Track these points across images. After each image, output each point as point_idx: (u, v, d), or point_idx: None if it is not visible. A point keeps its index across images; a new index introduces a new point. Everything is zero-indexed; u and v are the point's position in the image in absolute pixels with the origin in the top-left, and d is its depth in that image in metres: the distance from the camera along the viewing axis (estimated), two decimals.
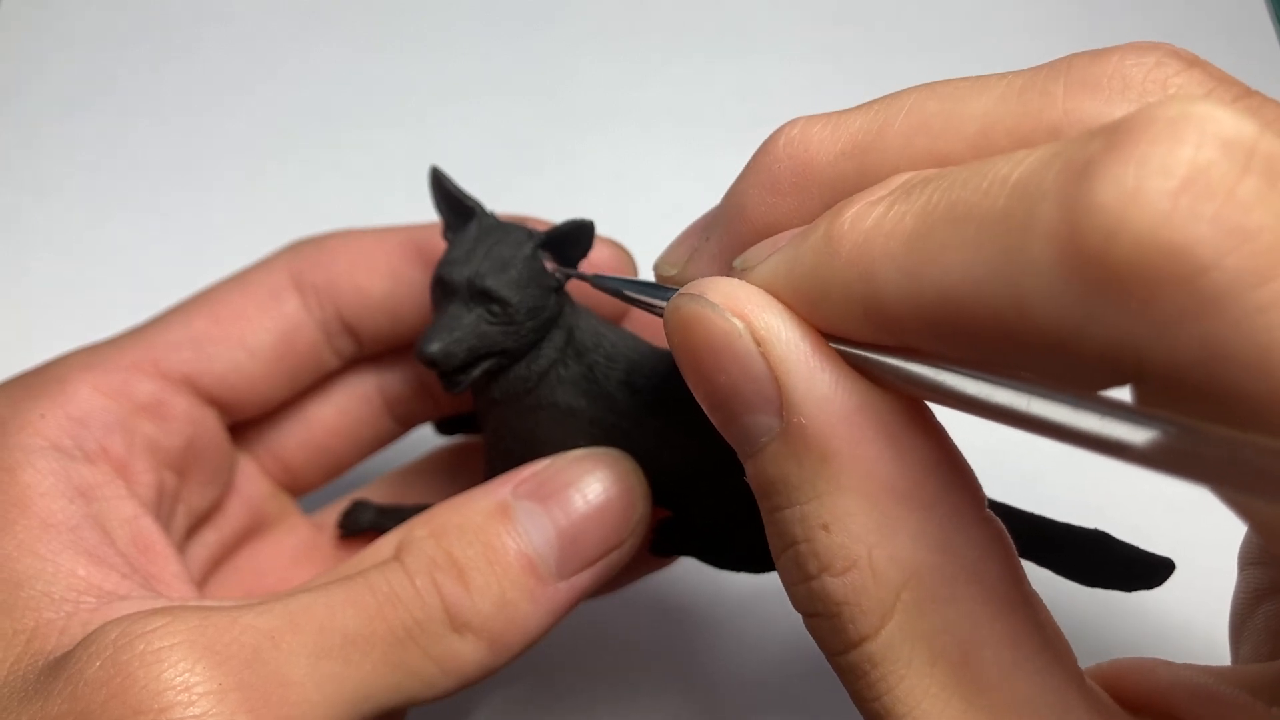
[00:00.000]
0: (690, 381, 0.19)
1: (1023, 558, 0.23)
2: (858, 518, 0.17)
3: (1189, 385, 0.13)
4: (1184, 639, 0.33)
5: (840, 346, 0.18)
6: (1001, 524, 0.18)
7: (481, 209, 0.26)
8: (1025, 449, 0.23)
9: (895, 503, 0.17)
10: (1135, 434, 0.13)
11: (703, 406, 0.19)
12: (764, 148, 0.20)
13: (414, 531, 0.24)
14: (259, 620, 0.20)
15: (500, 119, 0.46)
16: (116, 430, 0.25)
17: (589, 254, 0.25)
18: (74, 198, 0.44)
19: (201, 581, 0.27)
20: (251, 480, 0.29)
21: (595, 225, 0.25)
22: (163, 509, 0.26)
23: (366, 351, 0.29)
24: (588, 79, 0.48)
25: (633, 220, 0.27)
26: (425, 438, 0.32)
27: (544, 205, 0.28)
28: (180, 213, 0.44)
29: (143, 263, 0.42)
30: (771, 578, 0.21)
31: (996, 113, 0.18)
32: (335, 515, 0.29)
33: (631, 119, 0.46)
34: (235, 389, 0.27)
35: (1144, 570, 0.22)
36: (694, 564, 0.27)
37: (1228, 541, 0.24)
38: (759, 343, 0.18)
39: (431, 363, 0.24)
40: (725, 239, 0.21)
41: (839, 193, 0.18)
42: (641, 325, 0.28)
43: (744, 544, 0.25)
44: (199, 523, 0.28)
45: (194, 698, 0.19)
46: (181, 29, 0.49)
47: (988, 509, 0.18)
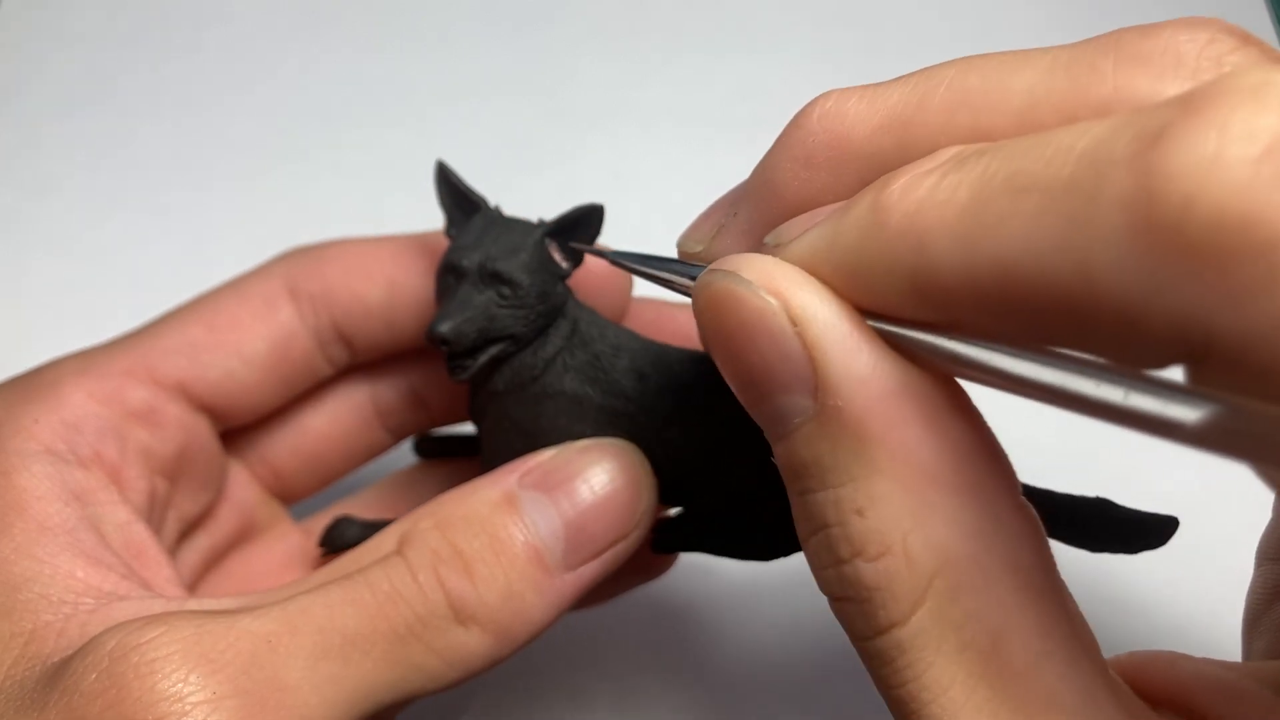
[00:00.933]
0: (720, 360, 0.19)
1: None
2: (894, 502, 0.17)
3: (1257, 361, 0.13)
4: (1194, 633, 0.33)
5: (879, 325, 0.17)
6: (1034, 511, 0.18)
7: (486, 203, 0.26)
8: (1035, 433, 0.23)
9: (932, 487, 0.17)
10: (1188, 413, 0.13)
11: (732, 386, 0.19)
12: (796, 121, 0.19)
13: (418, 524, 0.23)
14: (255, 624, 0.20)
15: (500, 119, 0.46)
16: (110, 436, 0.25)
17: (587, 260, 0.25)
18: (74, 198, 0.44)
19: (192, 586, 0.27)
20: (243, 486, 0.29)
21: (604, 209, 0.25)
22: (154, 514, 0.26)
23: (360, 360, 0.29)
24: (588, 79, 0.48)
25: (633, 220, 0.27)
26: None
27: (544, 205, 0.28)
28: (180, 213, 0.43)
29: (143, 263, 0.42)
30: (771, 576, 0.21)
31: (1042, 87, 0.17)
32: (326, 522, 0.29)
33: (631, 119, 0.46)
34: (228, 397, 0.27)
35: (1147, 530, 0.23)
36: (693, 564, 0.27)
37: (1241, 536, 0.24)
38: (794, 321, 0.17)
39: (443, 341, 0.24)
40: (755, 214, 0.21)
41: (876, 168, 0.18)
42: (641, 326, 0.28)
43: (751, 531, 0.25)
44: (190, 528, 0.28)
45: (189, 707, 0.19)
46: (182, 29, 0.49)
47: (1021, 495, 0.18)
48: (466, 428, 0.32)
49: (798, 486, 0.18)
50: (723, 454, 0.24)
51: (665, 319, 0.29)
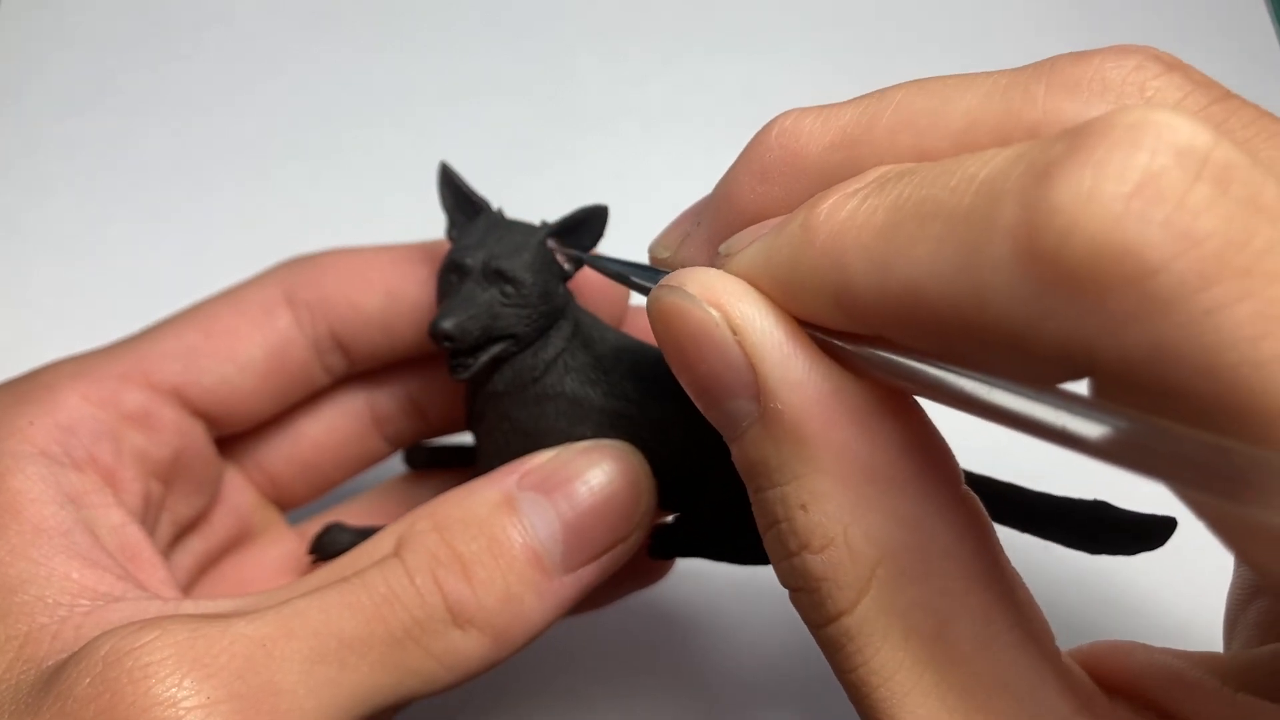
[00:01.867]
0: (674, 369, 0.20)
1: (1026, 532, 0.23)
2: (833, 498, 0.18)
3: (1138, 382, 0.14)
4: (1192, 629, 0.33)
5: (816, 334, 0.18)
6: (979, 503, 0.19)
7: (488, 205, 0.26)
8: (1032, 445, 0.23)
9: (868, 483, 0.18)
10: (1090, 427, 0.13)
11: (688, 393, 0.20)
12: (757, 137, 0.20)
13: (415, 525, 0.23)
14: (250, 628, 0.20)
15: (500, 119, 0.46)
16: (105, 439, 0.25)
17: (586, 267, 0.26)
18: (74, 199, 0.44)
19: (186, 589, 0.27)
20: (238, 491, 0.29)
21: (608, 210, 0.25)
22: (148, 518, 0.26)
23: (357, 368, 0.29)
24: (588, 79, 0.48)
25: (633, 220, 0.27)
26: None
27: (544, 205, 0.28)
28: (181, 214, 0.44)
29: (143, 264, 0.42)
30: (768, 579, 0.21)
31: (980, 111, 0.18)
32: (322, 527, 0.29)
33: (631, 119, 0.46)
34: (224, 403, 0.27)
35: (1145, 531, 0.23)
36: (691, 567, 0.27)
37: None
38: (735, 331, 0.18)
39: (447, 338, 0.24)
40: (714, 225, 0.22)
41: (827, 183, 0.18)
42: (638, 335, 0.28)
43: (749, 535, 0.25)
44: (184, 532, 0.28)
45: (182, 712, 0.19)
46: (182, 30, 0.49)
47: (964, 487, 0.19)
48: (462, 437, 0.33)
49: (752, 485, 0.19)
50: (721, 457, 0.24)
51: None
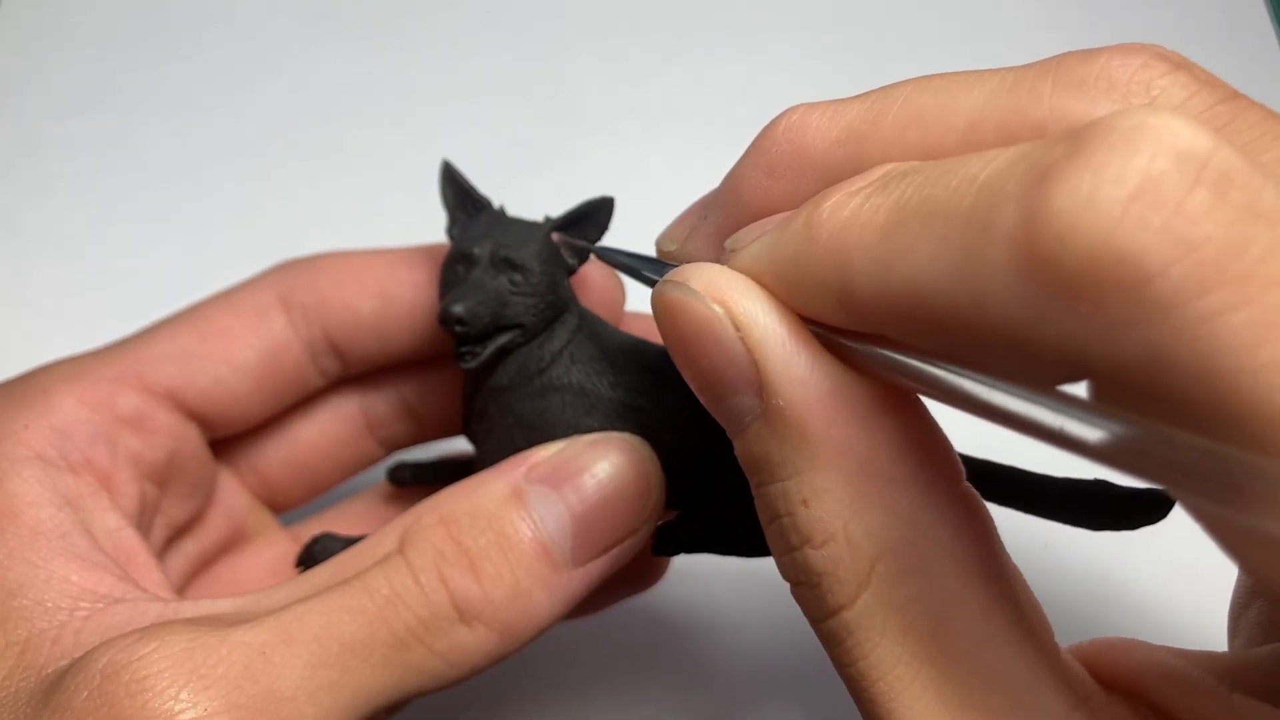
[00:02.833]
0: (678, 364, 0.20)
1: (1029, 513, 0.24)
2: (834, 493, 0.18)
3: (1135, 387, 0.14)
4: (1186, 625, 0.33)
5: (820, 331, 0.18)
6: (980, 499, 0.19)
7: (490, 204, 0.26)
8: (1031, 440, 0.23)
9: (868, 480, 0.18)
10: (1088, 431, 0.13)
11: (692, 388, 0.20)
12: (764, 131, 0.20)
13: (421, 519, 0.23)
14: (249, 636, 0.20)
15: (500, 119, 0.46)
16: (100, 442, 0.25)
17: (582, 273, 0.26)
18: (74, 199, 0.44)
19: (179, 591, 0.27)
20: (232, 493, 0.29)
21: (614, 201, 0.25)
22: (143, 521, 0.26)
23: (352, 372, 0.29)
24: (588, 79, 0.48)
25: (633, 220, 0.27)
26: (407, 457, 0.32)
27: (544, 205, 0.28)
28: (181, 214, 0.44)
29: (143, 264, 0.42)
30: (770, 575, 0.21)
31: (986, 108, 0.18)
32: (315, 528, 0.29)
33: (631, 119, 0.46)
34: (218, 405, 0.27)
35: (1145, 506, 0.23)
36: (692, 564, 0.27)
37: None
38: (738, 327, 0.18)
39: (458, 321, 0.23)
40: (721, 219, 0.22)
41: (832, 179, 0.19)
42: (637, 333, 0.28)
43: (754, 527, 0.25)
44: (177, 534, 0.28)
45: None
46: (182, 30, 0.49)
47: (966, 485, 0.19)
48: (450, 445, 0.32)
49: (754, 480, 0.20)
50: (727, 449, 0.24)
51: (656, 334, 0.29)
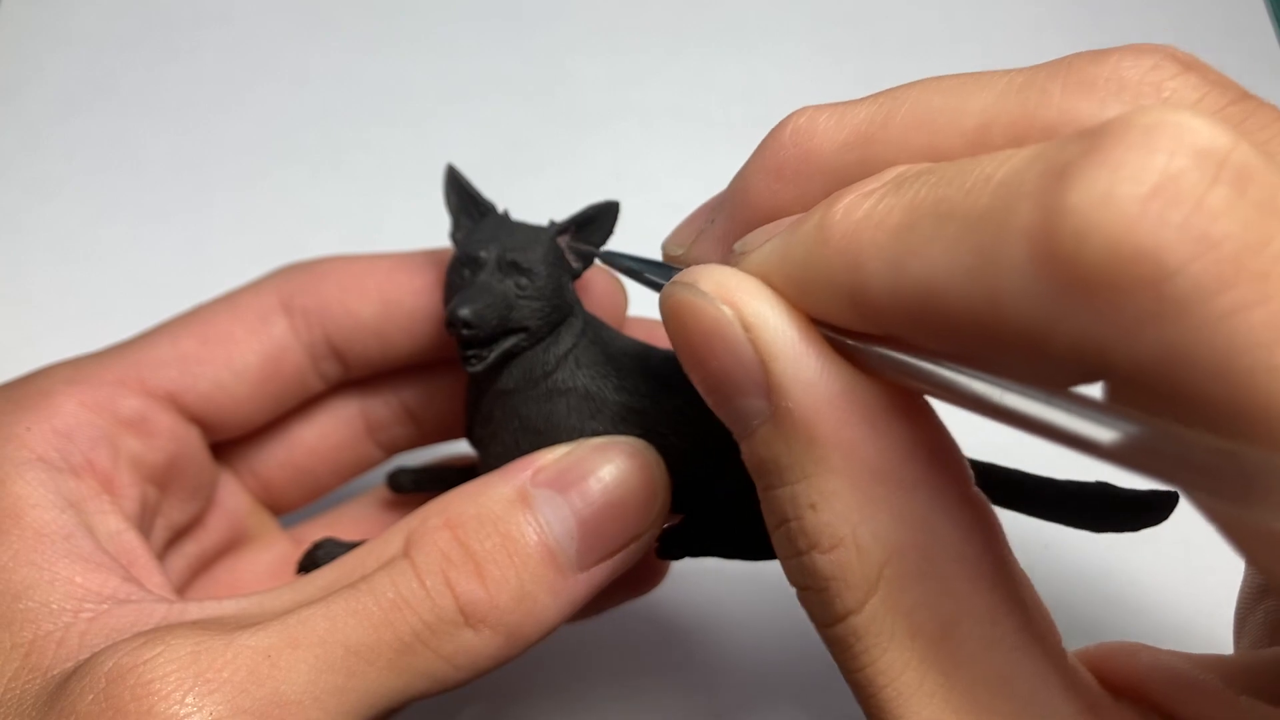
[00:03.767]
0: (685, 366, 0.20)
1: (1033, 516, 0.24)
2: (842, 497, 0.18)
3: (1151, 385, 0.14)
4: (1192, 628, 0.33)
5: (830, 333, 0.18)
6: (988, 503, 0.19)
7: (494, 208, 0.26)
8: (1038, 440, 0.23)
9: (877, 484, 0.18)
10: (1102, 432, 0.13)
11: (699, 390, 0.20)
12: (772, 134, 0.20)
13: (426, 521, 0.23)
14: (254, 640, 0.20)
15: (500, 119, 0.46)
16: (102, 444, 0.25)
17: (584, 277, 0.26)
18: (74, 199, 0.44)
19: (179, 594, 0.27)
20: (232, 495, 0.29)
21: (619, 206, 0.25)
22: (144, 523, 0.26)
23: (352, 375, 0.29)
24: (588, 79, 0.48)
25: (633, 220, 0.27)
26: (413, 462, 0.32)
27: (544, 205, 0.28)
28: (181, 214, 0.44)
29: (143, 265, 0.42)
30: (772, 576, 0.21)
31: (995, 110, 0.18)
32: (315, 530, 0.29)
33: (631, 118, 0.46)
34: (219, 409, 0.27)
35: (1148, 507, 0.23)
36: (695, 565, 0.27)
37: None
38: (747, 329, 0.18)
39: (466, 324, 0.23)
40: (729, 222, 0.22)
41: (841, 182, 0.18)
42: (643, 337, 0.28)
43: (759, 530, 0.25)
44: (178, 536, 0.28)
45: None
46: (182, 30, 0.49)
47: (974, 488, 0.19)
48: (449, 449, 0.32)
49: (762, 483, 0.19)
50: (734, 452, 0.24)
51: (659, 339, 0.29)
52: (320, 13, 0.49)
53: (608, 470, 0.23)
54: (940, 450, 0.18)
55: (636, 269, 0.24)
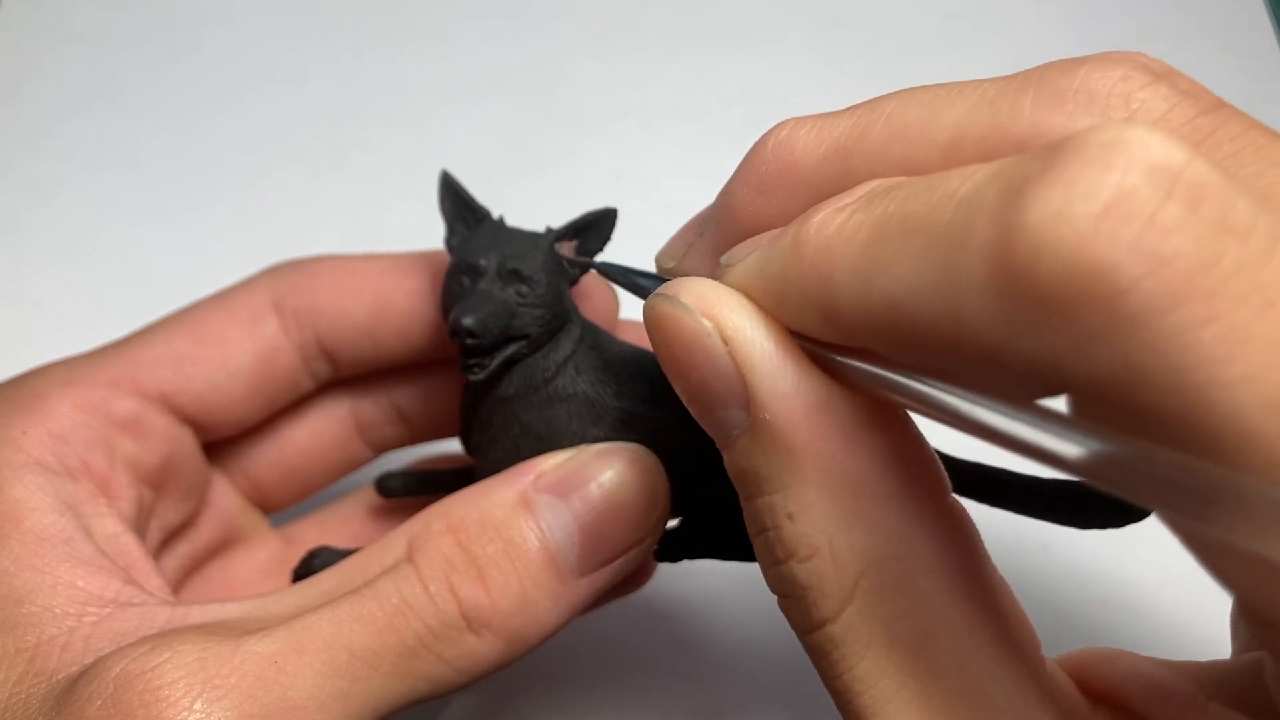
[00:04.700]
0: (669, 376, 0.20)
1: (1018, 514, 0.24)
2: (819, 508, 0.18)
3: (1108, 400, 0.14)
4: (1183, 632, 0.33)
5: (808, 346, 0.18)
6: (965, 514, 0.19)
7: (490, 214, 0.26)
8: None
9: (853, 495, 0.18)
10: (1066, 446, 0.13)
11: (683, 400, 0.20)
12: (754, 149, 0.21)
13: (429, 526, 0.23)
14: (261, 645, 0.20)
15: (500, 119, 0.46)
16: (98, 447, 0.25)
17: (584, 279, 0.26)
18: (74, 199, 0.44)
19: (174, 594, 0.27)
20: (223, 495, 0.29)
21: (617, 213, 0.25)
22: (139, 524, 0.26)
23: (343, 375, 0.29)
24: (588, 79, 0.48)
25: (632, 220, 0.27)
26: (402, 462, 0.32)
27: (544, 206, 0.28)
28: (181, 213, 0.44)
29: (143, 264, 0.42)
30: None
31: (967, 123, 0.18)
32: (306, 529, 0.29)
33: (631, 119, 0.46)
34: (212, 410, 0.27)
35: (1130, 505, 0.23)
36: (692, 564, 0.27)
37: None
38: (726, 341, 0.18)
39: (470, 334, 0.23)
40: (716, 236, 0.22)
41: (822, 195, 0.19)
42: (636, 341, 0.28)
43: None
44: (171, 537, 0.28)
45: None
46: (182, 30, 0.49)
47: (951, 498, 0.19)
48: (438, 448, 0.32)
49: (743, 492, 0.20)
50: None
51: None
52: (320, 13, 0.49)
53: (609, 476, 0.23)
54: (917, 461, 0.19)
55: (631, 281, 0.24)
